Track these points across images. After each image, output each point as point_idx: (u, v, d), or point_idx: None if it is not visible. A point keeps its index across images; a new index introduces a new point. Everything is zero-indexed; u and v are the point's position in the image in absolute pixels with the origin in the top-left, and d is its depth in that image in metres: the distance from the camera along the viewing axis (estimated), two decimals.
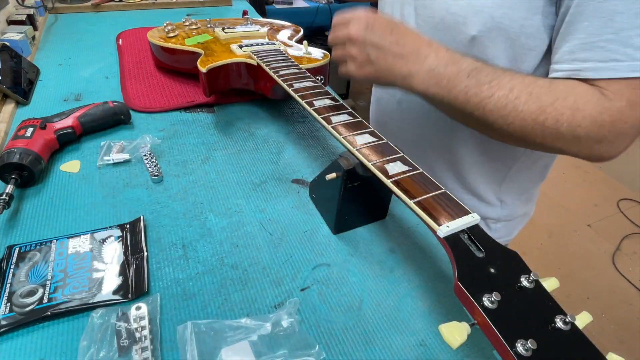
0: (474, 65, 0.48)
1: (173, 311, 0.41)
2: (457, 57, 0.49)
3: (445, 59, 0.49)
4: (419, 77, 0.49)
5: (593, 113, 0.45)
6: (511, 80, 0.47)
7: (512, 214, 0.73)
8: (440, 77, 0.48)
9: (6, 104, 0.69)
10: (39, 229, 0.48)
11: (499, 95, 0.47)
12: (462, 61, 0.49)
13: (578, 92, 0.46)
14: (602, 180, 2.33)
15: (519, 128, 0.48)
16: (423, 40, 0.50)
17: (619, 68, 0.44)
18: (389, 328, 0.41)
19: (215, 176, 0.58)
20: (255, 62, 0.68)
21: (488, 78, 0.47)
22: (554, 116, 0.46)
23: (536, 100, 0.46)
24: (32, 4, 1.02)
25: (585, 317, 0.29)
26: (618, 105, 0.45)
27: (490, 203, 0.71)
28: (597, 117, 0.45)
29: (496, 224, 0.74)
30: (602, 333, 1.52)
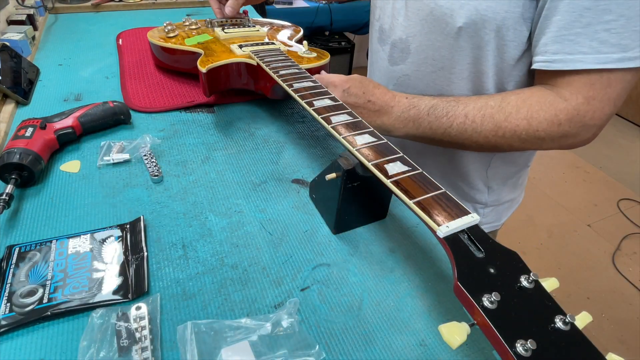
0: (431, 103, 0.57)
1: (173, 311, 0.41)
2: (416, 101, 0.58)
3: (406, 105, 0.58)
4: (391, 124, 0.59)
5: (547, 116, 0.52)
6: (465, 108, 0.55)
7: (499, 199, 0.77)
8: (406, 120, 0.58)
9: (6, 104, 0.69)
10: (39, 229, 0.48)
11: (458, 123, 0.56)
12: (420, 103, 0.58)
13: (531, 102, 0.53)
14: (602, 180, 2.33)
15: (485, 144, 0.56)
16: (387, 94, 0.59)
17: (585, 60, 0.48)
18: (389, 328, 0.41)
19: (215, 176, 0.58)
20: (255, 62, 0.68)
21: (444, 111, 0.56)
22: (511, 129, 0.53)
23: (490, 120, 0.54)
24: (32, 4, 1.02)
25: (585, 317, 0.29)
26: (574, 103, 0.51)
27: (479, 189, 0.75)
28: (553, 119, 0.52)
29: (484, 208, 0.77)
30: (602, 333, 1.52)
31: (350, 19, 2.49)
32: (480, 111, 0.55)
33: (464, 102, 0.56)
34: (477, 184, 0.74)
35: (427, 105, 0.57)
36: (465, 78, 0.62)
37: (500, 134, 0.54)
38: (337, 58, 2.50)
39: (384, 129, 0.59)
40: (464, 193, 0.75)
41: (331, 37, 2.56)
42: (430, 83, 0.66)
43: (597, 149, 2.57)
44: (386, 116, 0.58)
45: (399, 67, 0.69)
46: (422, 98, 0.58)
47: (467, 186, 0.74)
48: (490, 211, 0.78)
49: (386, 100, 0.58)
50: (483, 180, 0.73)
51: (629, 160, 2.48)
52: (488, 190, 0.75)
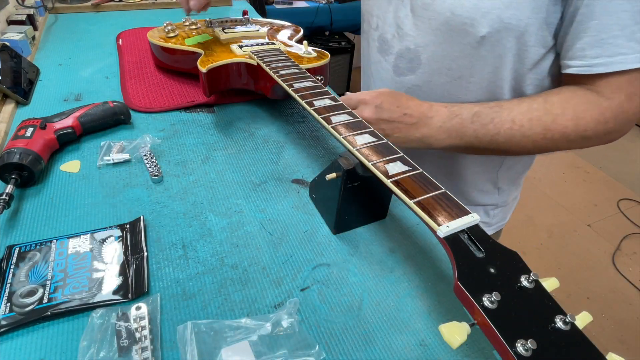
0: (473, 110, 0.55)
1: (173, 311, 0.41)
2: (456, 109, 0.55)
3: (446, 114, 0.55)
4: (432, 136, 0.56)
5: (594, 116, 0.52)
6: (510, 113, 0.54)
7: (507, 199, 0.78)
8: (449, 131, 0.55)
9: (6, 104, 0.69)
10: (39, 229, 0.48)
11: (505, 129, 0.54)
12: (462, 111, 0.55)
13: (575, 102, 0.52)
14: (602, 180, 2.33)
15: (532, 148, 0.55)
16: (423, 105, 0.56)
17: (626, 61, 0.49)
18: (389, 328, 0.41)
19: (215, 176, 0.58)
20: (255, 62, 0.68)
21: (489, 117, 0.54)
22: (559, 130, 0.53)
23: (537, 123, 0.53)
24: (32, 4, 1.02)
25: (585, 317, 0.29)
26: (617, 101, 0.51)
27: (488, 191, 0.75)
28: (599, 118, 0.51)
29: (494, 209, 0.78)
30: (602, 333, 1.52)
31: (350, 19, 2.49)
32: (526, 115, 0.53)
33: (507, 107, 0.55)
34: (486, 186, 0.74)
35: (470, 112, 0.55)
36: (484, 87, 0.61)
37: (549, 136, 0.53)
38: (337, 58, 2.50)
39: (425, 142, 0.56)
40: (473, 198, 0.75)
41: (331, 37, 2.56)
42: (444, 93, 0.64)
43: (597, 149, 2.56)
44: (425, 128, 0.55)
45: (407, 77, 0.67)
46: (462, 106, 0.56)
47: (477, 190, 0.74)
48: (499, 211, 0.79)
49: (423, 111, 0.55)
50: (493, 182, 0.73)
51: (629, 160, 2.48)
52: (498, 191, 0.75)
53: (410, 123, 0.55)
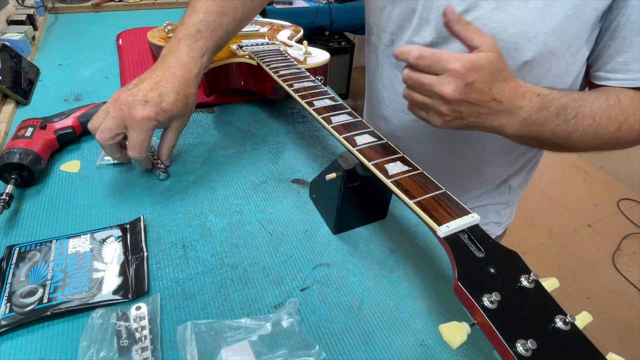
0: (561, 102, 0.49)
1: (173, 311, 0.41)
2: (547, 101, 0.48)
3: (537, 105, 0.48)
4: (511, 127, 0.49)
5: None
6: (592, 108, 0.51)
7: (517, 197, 0.79)
8: (531, 124, 0.49)
9: (6, 104, 0.69)
10: (39, 229, 0.48)
11: (585, 126, 0.50)
12: (552, 102, 0.49)
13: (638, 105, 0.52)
14: (602, 180, 2.33)
15: (595, 146, 0.53)
16: (519, 90, 0.47)
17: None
18: (389, 328, 0.41)
19: (215, 176, 0.58)
20: (255, 62, 0.68)
21: (574, 112, 0.50)
22: (627, 130, 0.52)
23: (614, 121, 0.51)
24: (32, 4, 1.02)
25: (585, 317, 0.29)
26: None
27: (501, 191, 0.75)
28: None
29: (505, 208, 0.78)
30: (602, 333, 1.52)
31: (350, 19, 2.49)
32: (605, 112, 0.51)
33: (589, 102, 0.51)
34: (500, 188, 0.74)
35: (558, 106, 0.49)
36: None
37: (617, 135, 0.52)
38: (337, 58, 2.50)
39: (497, 130, 0.49)
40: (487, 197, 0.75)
41: (331, 37, 2.56)
42: None
43: None
44: (509, 118, 0.48)
45: None
46: (553, 96, 0.49)
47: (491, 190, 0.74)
48: (509, 210, 0.80)
49: (515, 98, 0.47)
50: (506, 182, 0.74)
51: (629, 160, 2.48)
52: (509, 189, 0.76)
53: (496, 111, 0.47)
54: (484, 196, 0.75)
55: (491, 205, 0.76)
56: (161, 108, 0.48)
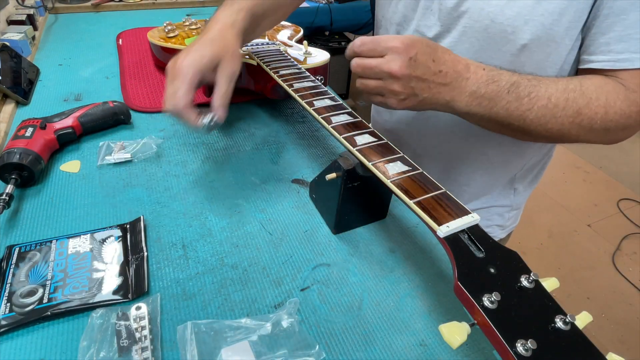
0: (512, 79, 0.49)
1: (173, 311, 0.41)
2: (495, 74, 0.49)
3: (485, 78, 0.49)
4: (461, 101, 0.49)
5: (623, 107, 0.50)
6: (547, 89, 0.50)
7: (522, 201, 0.77)
8: (481, 98, 0.49)
9: (6, 104, 0.69)
10: (39, 229, 0.48)
11: (539, 106, 0.49)
12: (501, 77, 0.49)
13: (607, 90, 0.50)
14: (602, 180, 2.33)
15: (556, 131, 0.51)
16: (462, 63, 0.49)
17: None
18: (389, 328, 0.41)
19: (215, 176, 0.58)
20: (255, 62, 0.68)
21: (527, 91, 0.49)
22: (589, 116, 0.50)
23: (573, 104, 0.50)
24: (32, 4, 1.02)
25: (585, 317, 0.29)
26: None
27: (505, 194, 0.74)
28: (626, 110, 0.50)
29: (510, 212, 0.77)
30: (602, 333, 1.52)
31: (350, 19, 2.49)
32: (563, 94, 0.50)
33: (545, 83, 0.50)
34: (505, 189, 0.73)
35: (509, 81, 0.49)
36: None
37: (578, 121, 0.50)
38: (337, 58, 2.49)
39: (450, 106, 0.50)
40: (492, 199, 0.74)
41: (331, 37, 2.56)
42: None
43: (597, 149, 2.57)
44: (457, 91, 0.49)
45: None
46: (502, 72, 0.50)
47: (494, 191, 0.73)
48: (514, 214, 0.78)
49: (459, 70, 0.48)
50: (510, 182, 0.73)
51: (629, 160, 2.48)
52: (514, 192, 0.74)
53: (443, 83, 0.48)
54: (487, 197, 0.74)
55: (495, 208, 0.76)
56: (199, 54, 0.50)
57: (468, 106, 0.50)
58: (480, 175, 0.71)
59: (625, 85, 0.51)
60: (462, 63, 0.49)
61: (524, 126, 0.51)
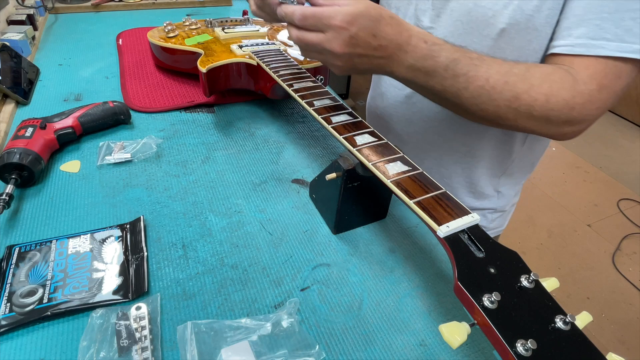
0: (453, 56, 0.49)
1: (173, 311, 0.41)
2: (436, 50, 0.49)
3: (424, 52, 0.48)
4: (399, 72, 0.50)
5: (566, 97, 0.48)
6: (488, 70, 0.49)
7: (507, 204, 0.77)
8: (418, 72, 0.49)
9: (6, 104, 0.69)
10: (39, 229, 0.48)
11: (476, 86, 0.49)
12: (441, 54, 0.49)
13: (553, 79, 0.49)
14: (602, 180, 2.33)
15: (492, 113, 0.51)
16: (404, 35, 0.48)
17: (607, 47, 0.47)
18: (389, 328, 0.41)
19: (215, 176, 0.58)
20: (255, 62, 0.68)
21: (465, 69, 0.49)
22: (528, 102, 0.49)
23: (512, 88, 0.49)
24: (32, 4, 1.02)
25: (585, 317, 0.29)
26: (590, 88, 0.48)
27: (488, 194, 0.73)
28: (569, 101, 0.49)
29: (493, 214, 0.77)
30: (602, 333, 1.52)
31: None
32: (503, 77, 0.49)
33: (487, 63, 0.50)
34: (487, 189, 0.73)
35: (448, 58, 0.49)
36: None
37: (515, 105, 0.49)
38: None
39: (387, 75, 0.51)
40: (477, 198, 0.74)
41: None
42: None
43: (597, 149, 2.57)
44: (395, 63, 0.49)
45: None
46: (444, 47, 0.49)
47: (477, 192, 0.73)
48: (498, 216, 0.78)
49: (400, 43, 0.48)
50: (494, 185, 0.73)
51: (629, 160, 2.48)
52: (498, 195, 0.74)
53: (383, 56, 0.48)
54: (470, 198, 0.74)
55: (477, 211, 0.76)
56: None
57: (405, 77, 0.50)
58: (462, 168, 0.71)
59: (576, 76, 0.50)
60: (405, 35, 0.48)
61: (460, 103, 0.51)
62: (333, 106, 0.52)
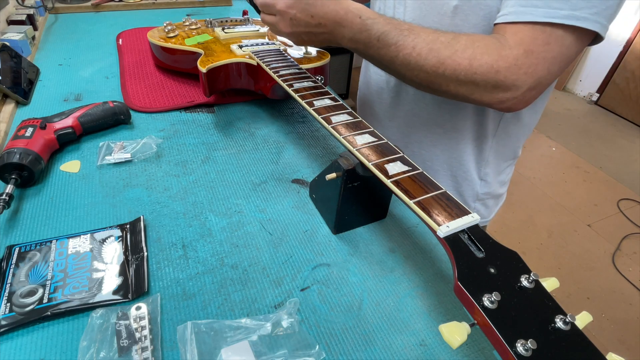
0: (383, 29, 0.54)
1: (173, 311, 0.41)
2: (369, 24, 0.54)
3: (358, 26, 0.54)
4: (343, 43, 0.57)
5: (489, 61, 0.50)
6: (415, 40, 0.53)
7: (490, 192, 0.78)
8: (357, 43, 0.56)
9: (6, 104, 0.69)
10: (39, 229, 0.48)
11: (404, 54, 0.54)
12: (373, 27, 0.54)
13: (477, 45, 0.52)
14: (602, 180, 2.33)
15: (424, 79, 0.55)
16: (339, 13, 0.55)
17: (535, 13, 0.49)
18: (389, 328, 0.41)
19: (215, 176, 0.58)
20: (255, 62, 0.68)
21: (394, 40, 0.54)
22: (452, 67, 0.52)
23: (436, 54, 0.52)
24: (32, 4, 1.02)
25: (585, 317, 0.29)
26: (515, 52, 0.50)
27: (472, 179, 0.75)
28: (493, 64, 0.50)
29: (475, 202, 0.77)
30: (602, 333, 1.52)
31: None
32: (428, 45, 0.53)
33: (415, 33, 0.54)
34: (470, 173, 0.74)
35: (379, 30, 0.54)
36: None
37: (441, 70, 0.52)
38: (337, 58, 2.50)
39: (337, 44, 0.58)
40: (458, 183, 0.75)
41: None
42: None
43: (597, 149, 2.58)
44: (338, 36, 0.56)
45: None
46: (377, 20, 0.54)
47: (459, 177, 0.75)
48: (480, 205, 0.78)
49: (337, 20, 0.55)
50: (477, 170, 0.74)
51: (629, 160, 2.48)
52: (481, 182, 0.75)
53: (324, 32, 0.56)
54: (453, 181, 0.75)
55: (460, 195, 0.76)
56: None
57: (349, 47, 0.57)
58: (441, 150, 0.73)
59: (503, 42, 0.51)
60: (341, 13, 0.55)
61: (396, 70, 0.57)
62: (333, 106, 0.52)
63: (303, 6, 0.54)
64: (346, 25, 0.55)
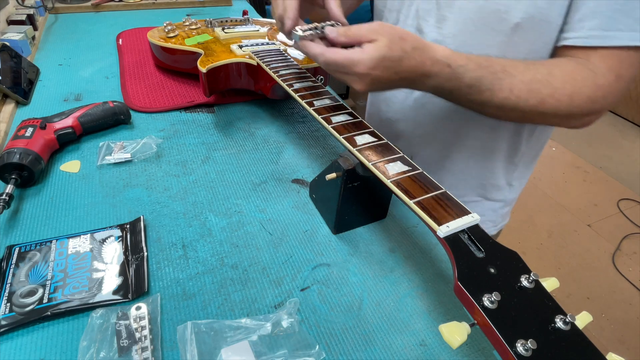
0: (476, 74, 0.49)
1: (173, 311, 0.41)
2: (460, 72, 0.49)
3: (447, 76, 0.49)
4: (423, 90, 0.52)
5: (589, 93, 0.50)
6: (512, 81, 0.50)
7: (516, 196, 0.78)
8: (442, 91, 0.51)
9: (6, 104, 0.69)
10: (39, 229, 0.48)
11: (500, 98, 0.50)
12: (465, 74, 0.49)
13: (575, 78, 0.51)
14: (602, 180, 2.33)
15: (519, 117, 0.54)
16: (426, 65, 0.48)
17: (621, 37, 0.49)
18: (389, 328, 0.41)
19: (215, 176, 0.58)
20: (255, 62, 0.68)
21: (488, 85, 0.50)
22: (553, 105, 0.51)
23: (536, 95, 0.50)
24: (32, 4, 1.02)
25: (585, 317, 0.29)
26: (609, 80, 0.50)
27: (500, 186, 0.74)
28: (591, 96, 0.50)
29: (503, 208, 0.77)
30: (602, 333, 1.52)
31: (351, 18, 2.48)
32: (527, 85, 0.50)
33: (510, 73, 0.50)
34: (500, 181, 0.73)
35: (472, 77, 0.49)
36: None
37: (541, 109, 0.51)
38: None
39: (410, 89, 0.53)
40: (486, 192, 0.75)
41: None
42: None
43: (597, 149, 2.57)
44: (419, 86, 0.50)
45: None
46: (468, 67, 0.49)
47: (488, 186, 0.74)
48: (507, 211, 0.78)
49: (424, 72, 0.48)
50: (507, 177, 0.73)
51: (629, 160, 2.48)
52: (509, 187, 0.75)
53: (405, 84, 0.50)
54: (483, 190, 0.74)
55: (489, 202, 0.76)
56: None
57: (429, 92, 0.52)
58: (474, 161, 0.71)
59: (594, 70, 0.51)
60: (427, 64, 0.48)
61: (486, 112, 0.54)
62: (333, 106, 0.52)
63: (387, 64, 0.46)
64: (433, 75, 0.48)
